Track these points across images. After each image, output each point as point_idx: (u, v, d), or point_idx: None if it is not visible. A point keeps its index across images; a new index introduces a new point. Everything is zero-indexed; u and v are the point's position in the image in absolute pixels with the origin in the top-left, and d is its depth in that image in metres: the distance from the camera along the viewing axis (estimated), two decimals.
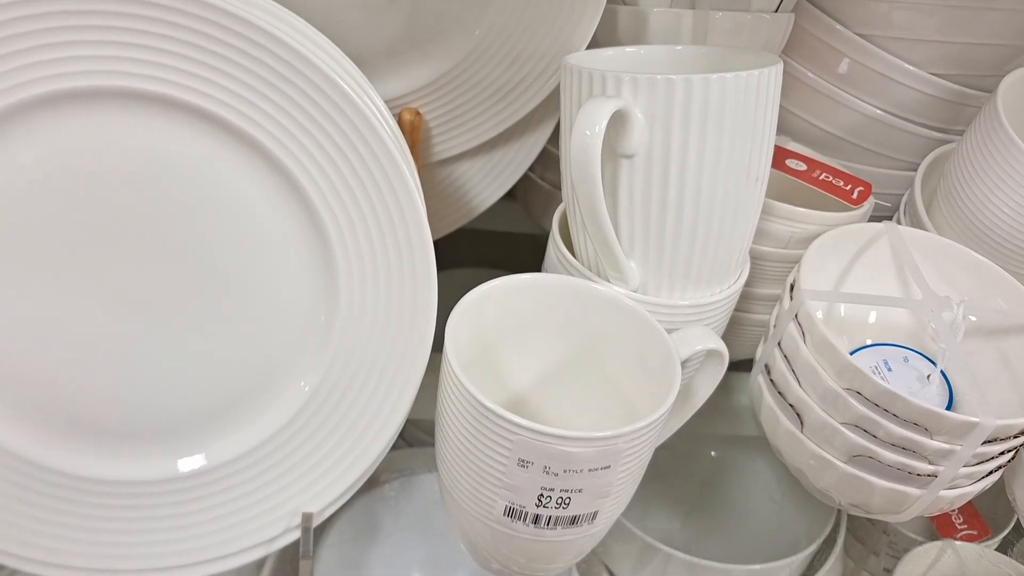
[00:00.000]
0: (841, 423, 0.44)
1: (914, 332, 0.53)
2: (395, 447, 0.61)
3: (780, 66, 0.43)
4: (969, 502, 0.66)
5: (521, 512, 0.39)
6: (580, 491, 0.38)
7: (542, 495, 0.38)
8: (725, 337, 0.57)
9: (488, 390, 0.37)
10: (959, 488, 0.45)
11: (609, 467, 0.38)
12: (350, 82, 0.37)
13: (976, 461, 0.44)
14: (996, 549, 0.64)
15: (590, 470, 0.37)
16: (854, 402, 0.43)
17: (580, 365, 0.47)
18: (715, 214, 0.43)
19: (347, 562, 0.58)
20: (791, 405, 0.47)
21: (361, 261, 0.39)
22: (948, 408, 0.49)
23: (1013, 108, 0.53)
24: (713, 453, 0.71)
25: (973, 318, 0.49)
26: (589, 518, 0.40)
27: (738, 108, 0.40)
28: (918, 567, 0.62)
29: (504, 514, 0.40)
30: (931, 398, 0.49)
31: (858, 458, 0.45)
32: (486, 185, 0.57)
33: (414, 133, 0.51)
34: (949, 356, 0.48)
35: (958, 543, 0.63)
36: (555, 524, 0.40)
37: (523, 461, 0.37)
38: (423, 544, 0.57)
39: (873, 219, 0.56)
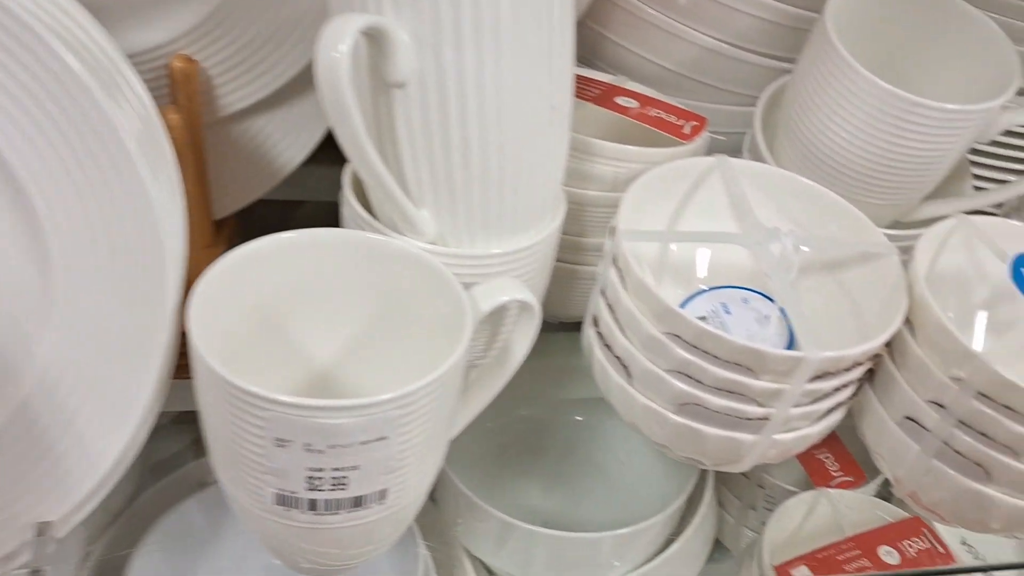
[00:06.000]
0: (666, 370, 0.41)
1: (756, 272, 0.49)
2: None
3: None
4: (843, 447, 0.64)
5: (293, 499, 0.34)
6: (356, 468, 0.34)
7: (312, 477, 0.33)
8: (562, 292, 0.53)
9: (283, 370, 0.33)
10: (797, 431, 0.42)
11: (386, 438, 0.33)
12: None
13: (809, 400, 0.41)
14: (875, 495, 0.62)
15: (362, 443, 0.33)
16: (675, 347, 0.40)
17: (384, 330, 0.42)
18: (507, 150, 0.38)
19: (172, 567, 0.53)
20: (618, 357, 0.43)
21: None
22: (789, 347, 0.46)
23: (845, 27, 0.50)
24: (578, 417, 0.67)
25: (805, 248, 0.46)
26: (377, 498, 0.35)
27: (518, 26, 0.36)
28: (791, 519, 0.60)
29: (276, 503, 0.35)
30: (770, 338, 0.46)
31: (687, 406, 0.41)
32: (290, 142, 0.51)
33: (189, 83, 0.45)
34: (782, 291, 0.44)
35: (832, 491, 0.61)
36: (337, 508, 0.35)
37: (281, 440, 0.32)
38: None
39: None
